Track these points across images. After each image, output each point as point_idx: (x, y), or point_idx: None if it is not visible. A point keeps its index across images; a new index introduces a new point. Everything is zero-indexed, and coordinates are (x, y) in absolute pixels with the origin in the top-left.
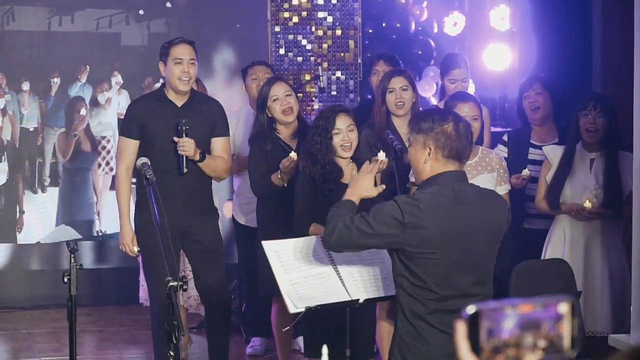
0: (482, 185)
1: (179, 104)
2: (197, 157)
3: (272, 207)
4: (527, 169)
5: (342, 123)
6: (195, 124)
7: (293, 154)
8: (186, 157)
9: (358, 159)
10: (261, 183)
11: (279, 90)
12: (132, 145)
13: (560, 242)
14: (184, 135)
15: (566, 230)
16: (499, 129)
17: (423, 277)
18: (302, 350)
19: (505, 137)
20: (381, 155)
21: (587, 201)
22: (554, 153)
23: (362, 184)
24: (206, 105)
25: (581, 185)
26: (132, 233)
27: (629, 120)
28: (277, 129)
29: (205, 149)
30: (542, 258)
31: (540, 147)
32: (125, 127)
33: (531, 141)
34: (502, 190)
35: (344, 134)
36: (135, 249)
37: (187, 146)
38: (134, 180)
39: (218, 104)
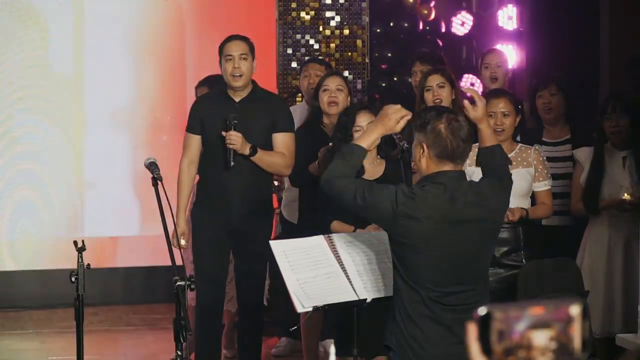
0: (516, 180)
1: (237, 99)
2: (247, 152)
3: (313, 201)
4: None
5: (363, 120)
6: (253, 119)
7: (330, 145)
8: (234, 151)
9: (387, 156)
10: (298, 171)
11: (332, 82)
12: (195, 140)
13: (599, 244)
14: (232, 128)
15: (605, 232)
16: None
17: (414, 270)
18: (328, 352)
19: (518, 137)
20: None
21: (626, 194)
22: (585, 156)
23: (388, 124)
24: (266, 101)
25: (617, 184)
26: (184, 227)
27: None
28: (324, 121)
29: (265, 145)
30: (577, 259)
31: (552, 145)
32: (189, 122)
33: (543, 139)
34: (542, 187)
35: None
36: (183, 242)
37: (233, 139)
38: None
39: (279, 99)
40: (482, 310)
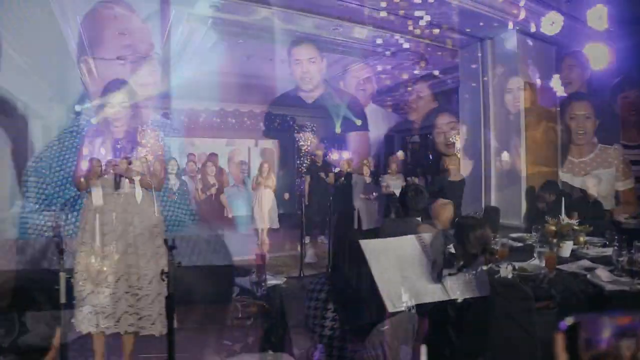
0: (594, 181)
1: (310, 101)
2: None
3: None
4: None
5: (442, 120)
6: (325, 119)
7: None
8: None
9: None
10: None
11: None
12: None
13: None
14: None
15: None
16: None
17: None
18: None
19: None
20: None
21: None
22: None
23: None
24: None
25: None
26: None
27: None
28: None
29: None
30: None
31: (631, 147)
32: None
33: (621, 141)
34: (624, 186)
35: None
36: None
37: None
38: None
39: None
40: (569, 320)
